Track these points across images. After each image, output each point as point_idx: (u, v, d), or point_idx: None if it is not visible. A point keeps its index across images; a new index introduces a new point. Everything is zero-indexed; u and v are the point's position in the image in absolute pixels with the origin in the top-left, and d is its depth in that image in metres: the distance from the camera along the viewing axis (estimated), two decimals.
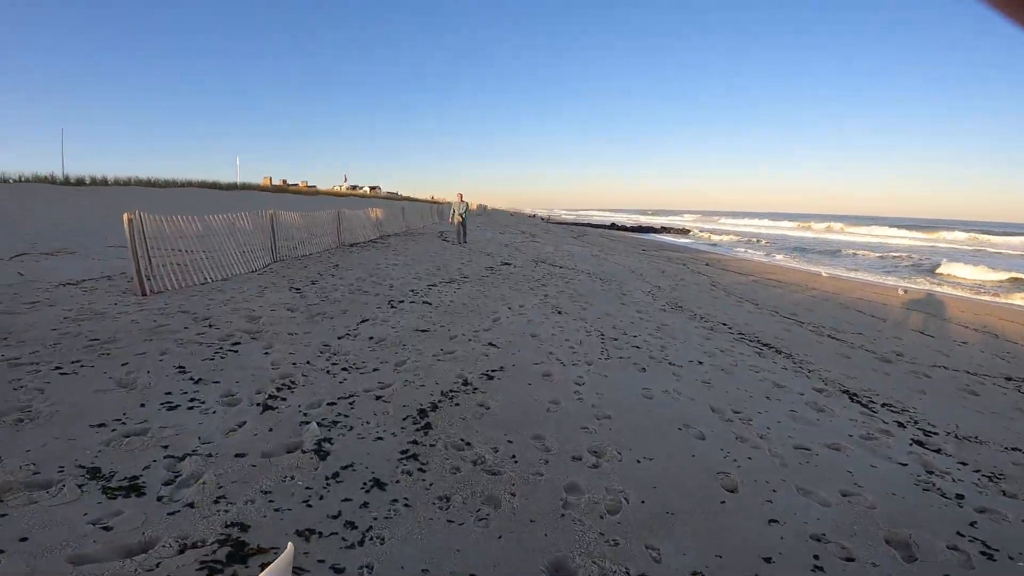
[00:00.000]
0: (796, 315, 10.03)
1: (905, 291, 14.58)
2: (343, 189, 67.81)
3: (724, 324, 8.51)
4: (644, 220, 76.57)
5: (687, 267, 18.23)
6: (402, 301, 7.72)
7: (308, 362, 4.83)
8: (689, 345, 6.73)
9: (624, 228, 53.10)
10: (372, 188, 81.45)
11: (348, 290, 8.17)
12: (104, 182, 23.00)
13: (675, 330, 7.56)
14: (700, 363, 5.83)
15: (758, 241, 37.76)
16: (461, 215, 16.41)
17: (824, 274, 18.64)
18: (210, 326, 5.70)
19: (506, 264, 12.63)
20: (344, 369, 4.74)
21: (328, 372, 4.64)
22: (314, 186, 64.40)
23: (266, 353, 4.98)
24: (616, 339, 6.73)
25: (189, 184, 27.29)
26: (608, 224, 58.19)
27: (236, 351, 4.97)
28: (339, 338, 5.65)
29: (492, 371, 4.96)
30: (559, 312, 8.02)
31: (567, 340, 6.38)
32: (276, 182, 61.93)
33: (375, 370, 4.77)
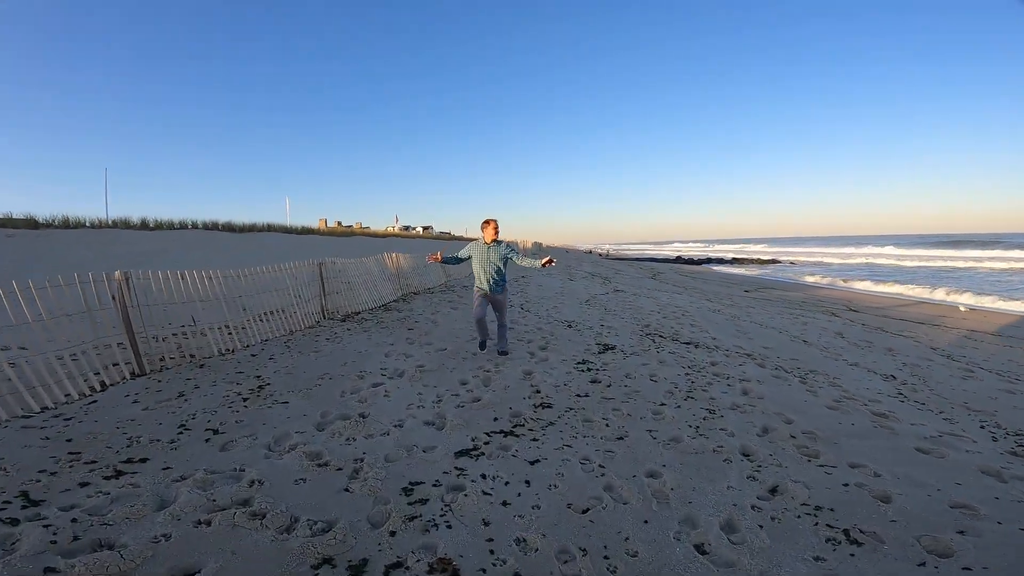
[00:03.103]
0: None
1: None
2: (395, 230, 64.12)
3: None
4: (692, 251, 69.98)
5: (840, 318, 12.59)
6: None
7: None
8: None
9: (691, 261, 46.99)
10: (424, 228, 78.78)
11: (194, 516, 2.71)
12: (77, 224, 18.78)
13: None
14: None
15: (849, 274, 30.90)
16: (492, 276, 6.13)
17: (962, 308, 15.52)
18: None
19: (607, 348, 6.96)
20: None
21: None
22: (367, 227, 60.71)
23: None
24: None
25: (195, 226, 22.96)
26: (673, 258, 52.07)
27: None
28: None
29: None
30: None
31: None
32: (331, 224, 58.88)
33: None
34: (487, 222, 6.10)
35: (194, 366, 5.35)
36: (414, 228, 76.94)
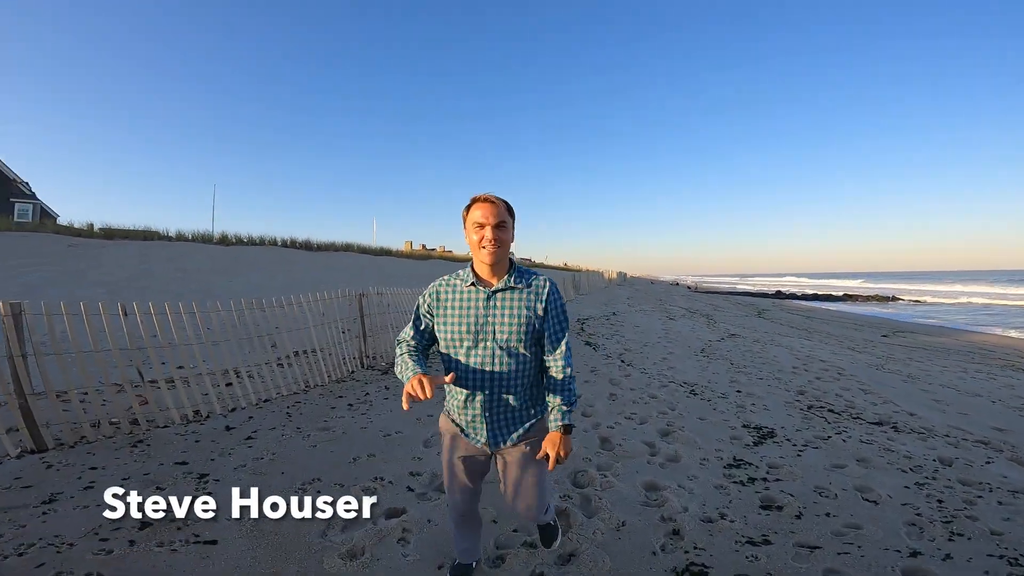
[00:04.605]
0: None
1: None
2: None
3: None
4: (783, 285, 63.31)
5: None
6: None
7: None
8: None
9: (794, 297, 42.10)
10: None
11: None
12: (157, 237, 18.65)
13: None
14: None
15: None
16: (494, 384, 1.82)
17: None
18: None
19: (764, 434, 4.51)
20: None
21: None
22: (450, 251, 60.88)
23: None
24: None
25: (272, 242, 22.44)
26: (772, 292, 47.12)
27: None
28: None
29: None
30: None
31: None
32: (416, 246, 59.17)
33: None
34: (479, 205, 1.81)
35: (129, 441, 3.52)
36: None
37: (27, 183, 33.97)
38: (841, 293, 45.76)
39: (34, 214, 31.94)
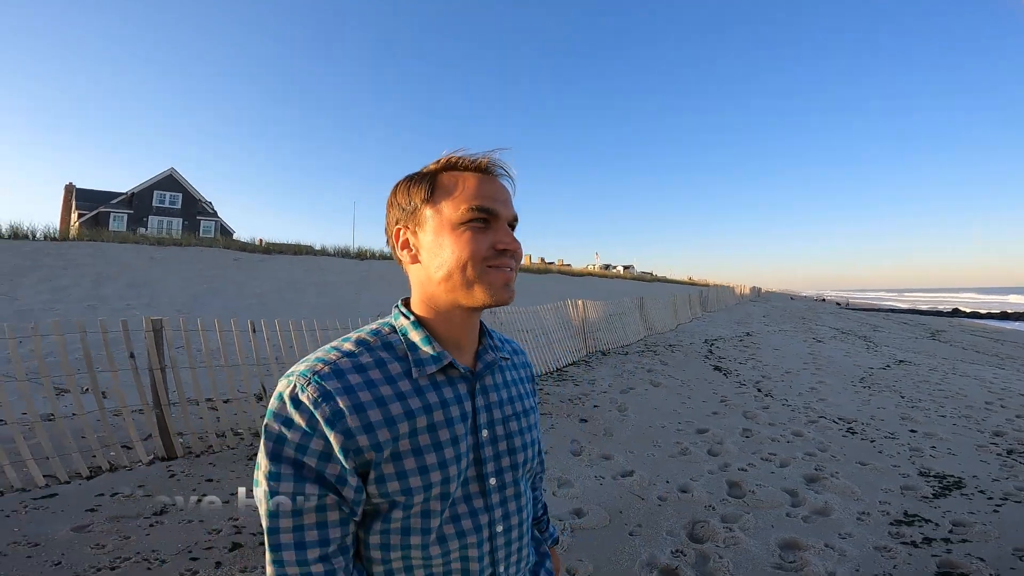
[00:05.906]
0: None
1: None
2: (595, 268, 62.75)
3: None
4: (938, 299, 52.99)
5: None
6: None
7: None
8: None
9: (979, 315, 35.78)
10: (625, 267, 77.31)
11: None
12: (305, 251, 20.56)
13: None
14: None
15: None
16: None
17: None
18: None
19: (947, 484, 3.62)
20: None
21: None
22: (568, 264, 61.06)
23: None
24: None
25: (391, 257, 23.93)
26: (948, 311, 40.46)
27: None
28: None
29: None
30: None
31: None
32: (535, 260, 60.17)
33: None
34: (481, 177, 0.71)
35: (248, 453, 3.68)
36: (614, 267, 75.10)
37: (211, 203, 39.59)
38: None
39: (215, 230, 37.02)
